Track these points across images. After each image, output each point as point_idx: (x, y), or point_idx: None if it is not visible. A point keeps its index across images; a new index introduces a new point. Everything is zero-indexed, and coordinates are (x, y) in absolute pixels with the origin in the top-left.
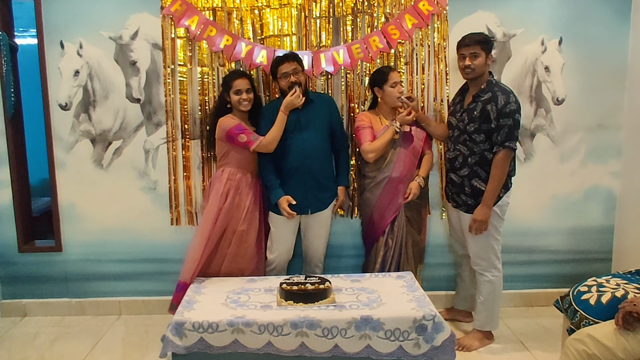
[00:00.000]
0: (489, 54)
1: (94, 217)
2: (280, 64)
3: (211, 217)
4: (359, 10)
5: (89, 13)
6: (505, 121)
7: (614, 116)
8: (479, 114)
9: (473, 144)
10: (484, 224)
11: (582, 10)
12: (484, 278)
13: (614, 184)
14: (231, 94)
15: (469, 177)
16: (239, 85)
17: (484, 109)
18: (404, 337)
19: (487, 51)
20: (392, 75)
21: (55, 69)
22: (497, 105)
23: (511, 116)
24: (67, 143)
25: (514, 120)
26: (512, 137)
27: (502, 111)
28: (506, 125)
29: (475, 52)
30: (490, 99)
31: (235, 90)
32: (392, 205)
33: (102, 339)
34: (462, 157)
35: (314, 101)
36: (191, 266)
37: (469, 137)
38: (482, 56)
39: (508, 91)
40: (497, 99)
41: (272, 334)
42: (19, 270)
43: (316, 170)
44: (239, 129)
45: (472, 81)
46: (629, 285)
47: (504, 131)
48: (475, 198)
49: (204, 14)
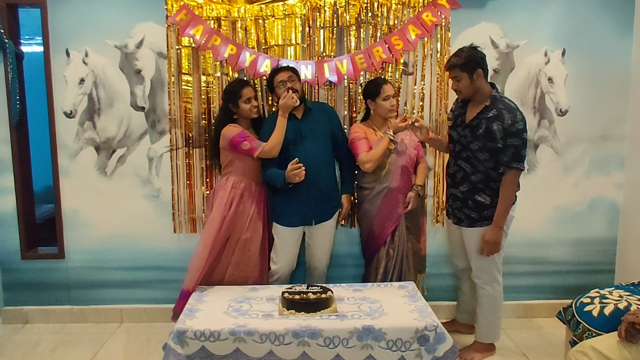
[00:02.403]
0: (473, 72)
1: (97, 225)
2: (277, 73)
3: (215, 225)
4: (363, 21)
5: (95, 22)
6: (512, 141)
7: (617, 127)
8: (484, 132)
9: (477, 162)
10: (497, 245)
11: (585, 21)
12: (484, 292)
13: (618, 196)
14: (241, 104)
15: (471, 192)
16: (249, 93)
17: (489, 128)
18: (405, 347)
19: (469, 71)
20: (385, 88)
21: (61, 76)
22: (504, 125)
23: (518, 136)
24: (72, 150)
25: (522, 139)
26: (520, 158)
27: (509, 130)
28: (512, 146)
29: (456, 75)
30: (496, 117)
31: (246, 99)
32: (392, 216)
33: (104, 347)
34: (462, 173)
35: (313, 110)
36: (194, 274)
37: (472, 155)
38: (465, 77)
39: (514, 108)
40: (504, 118)
41: (273, 343)
42: (21, 277)
43: (319, 180)
44: (241, 136)
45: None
46: (632, 297)
47: (511, 152)
48: (479, 212)
49: (208, 23)
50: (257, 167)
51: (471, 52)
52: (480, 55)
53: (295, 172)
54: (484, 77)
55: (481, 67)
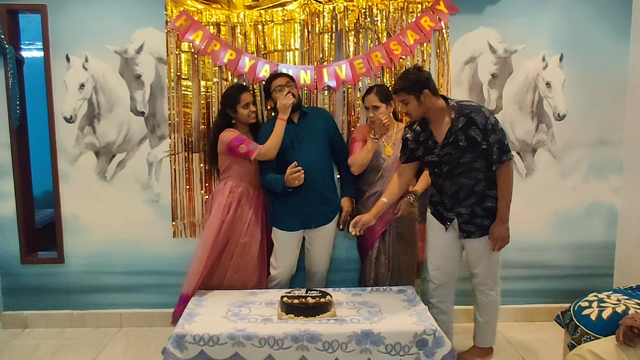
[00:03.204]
0: (419, 94)
1: (96, 229)
2: (274, 79)
3: (214, 230)
4: (362, 26)
5: (95, 27)
6: (493, 138)
7: (615, 132)
8: (466, 142)
9: (476, 172)
10: (507, 238)
11: (582, 26)
12: (489, 297)
13: (615, 200)
14: (239, 109)
15: (479, 202)
16: (247, 98)
17: (469, 136)
18: (404, 351)
19: (416, 93)
20: (367, 98)
21: (61, 82)
22: (479, 126)
23: (496, 130)
24: (72, 155)
25: (500, 131)
26: (506, 149)
27: (486, 129)
28: (495, 141)
29: (403, 99)
30: (469, 123)
31: (244, 104)
32: (382, 220)
33: (103, 352)
34: (466, 189)
35: (309, 114)
36: (193, 279)
37: (469, 167)
38: (412, 100)
39: (477, 107)
40: (475, 121)
41: (272, 347)
42: (21, 281)
43: (318, 183)
44: (238, 140)
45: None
46: (630, 301)
47: (496, 147)
48: (491, 217)
49: (208, 28)
50: (254, 172)
51: (416, 73)
52: (426, 76)
53: (294, 175)
54: (432, 95)
55: (427, 87)
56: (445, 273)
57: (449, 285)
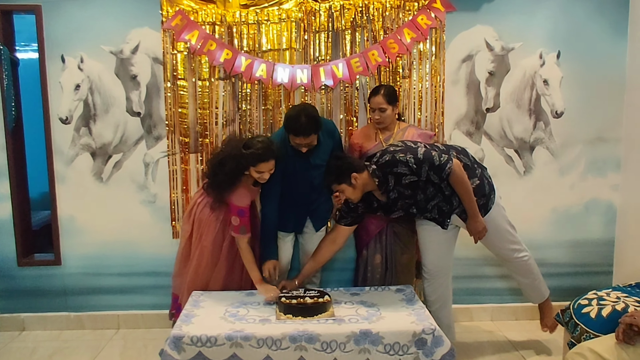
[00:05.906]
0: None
1: (93, 231)
2: (297, 135)
3: (184, 233)
4: (358, 25)
5: (90, 27)
6: (424, 169)
7: (613, 129)
8: (408, 189)
9: (438, 191)
10: (484, 230)
11: (579, 24)
12: (526, 258)
13: (614, 197)
14: (252, 170)
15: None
16: (264, 168)
17: (406, 184)
18: (403, 351)
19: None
20: (374, 100)
21: (56, 82)
22: (407, 172)
23: (422, 162)
24: (68, 156)
25: (426, 157)
26: (442, 166)
27: (413, 170)
28: (428, 169)
29: (337, 190)
30: (397, 178)
31: (259, 171)
32: (376, 220)
33: (101, 354)
34: (443, 202)
35: (320, 139)
36: (178, 280)
37: (430, 195)
38: (346, 187)
39: (392, 158)
40: (400, 172)
41: (270, 348)
42: (17, 284)
43: (321, 198)
44: (241, 212)
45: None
46: (630, 299)
47: (432, 171)
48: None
49: (204, 28)
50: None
51: (336, 164)
52: (346, 161)
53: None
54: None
55: (352, 170)
56: (440, 267)
57: (444, 279)
